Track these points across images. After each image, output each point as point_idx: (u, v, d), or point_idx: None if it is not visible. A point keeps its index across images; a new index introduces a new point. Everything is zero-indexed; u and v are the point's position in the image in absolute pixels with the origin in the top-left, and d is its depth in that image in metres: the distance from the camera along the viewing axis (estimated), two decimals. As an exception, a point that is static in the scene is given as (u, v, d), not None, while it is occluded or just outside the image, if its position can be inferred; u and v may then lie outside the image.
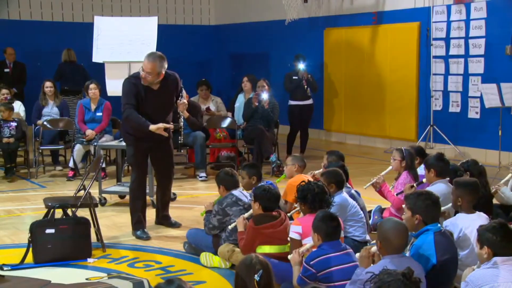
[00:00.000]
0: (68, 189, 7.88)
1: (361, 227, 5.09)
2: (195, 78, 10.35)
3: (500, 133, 8.65)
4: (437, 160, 5.43)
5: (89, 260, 5.26)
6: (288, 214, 5.27)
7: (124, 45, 8.12)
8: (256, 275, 3.04)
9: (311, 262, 3.92)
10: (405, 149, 5.91)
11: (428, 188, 5.34)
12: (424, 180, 5.61)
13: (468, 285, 3.47)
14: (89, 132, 8.65)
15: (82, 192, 5.62)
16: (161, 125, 5.65)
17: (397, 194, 5.70)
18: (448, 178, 5.31)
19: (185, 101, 6.17)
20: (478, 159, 5.87)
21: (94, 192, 6.63)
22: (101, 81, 8.71)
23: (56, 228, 5.19)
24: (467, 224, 4.39)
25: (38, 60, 12.18)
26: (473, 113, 9.84)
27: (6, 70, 11.52)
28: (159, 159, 6.12)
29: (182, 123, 6.61)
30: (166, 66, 5.73)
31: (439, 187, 5.16)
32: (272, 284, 3.11)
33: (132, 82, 5.75)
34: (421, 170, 5.94)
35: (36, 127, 9.20)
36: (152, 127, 5.63)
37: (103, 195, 7.27)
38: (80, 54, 11.63)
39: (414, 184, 5.62)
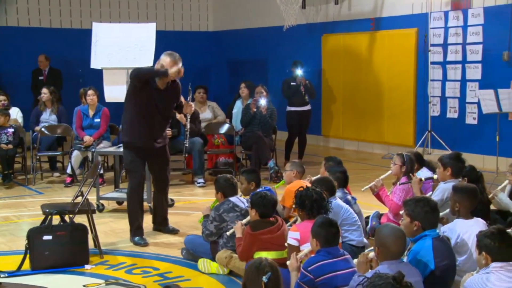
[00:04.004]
0: (65, 196, 7.87)
1: (356, 230, 5.08)
2: (193, 84, 10.32)
3: (497, 139, 8.65)
4: (455, 159, 5.46)
5: (87, 266, 5.24)
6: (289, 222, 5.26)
7: (122, 52, 8.12)
8: (264, 277, 3.04)
9: (309, 268, 3.91)
10: (406, 155, 5.92)
11: (441, 186, 5.37)
12: (435, 177, 5.63)
13: (467, 291, 3.47)
14: (87, 138, 8.65)
15: (79, 199, 5.61)
16: (177, 68, 5.68)
17: (400, 184, 5.70)
18: (460, 180, 5.32)
19: (192, 103, 6.23)
20: (475, 164, 5.88)
21: (92, 198, 6.62)
22: (99, 87, 8.71)
23: (53, 235, 5.18)
24: (465, 230, 4.38)
25: (35, 66, 12.17)
26: (471, 118, 9.85)
27: (41, 77, 11.61)
28: (156, 165, 6.13)
29: (188, 126, 6.63)
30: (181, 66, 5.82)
31: (450, 186, 5.15)
32: (280, 287, 3.12)
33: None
34: (418, 175, 5.94)
35: (34, 133, 9.19)
36: (171, 70, 5.64)
37: (101, 201, 7.26)
38: (78, 60, 11.64)
39: (423, 178, 5.63)
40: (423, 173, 6.02)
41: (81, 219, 5.68)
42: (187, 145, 6.69)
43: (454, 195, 4.65)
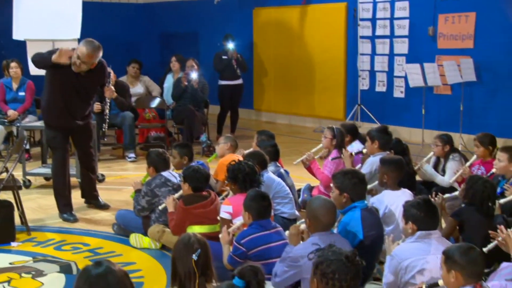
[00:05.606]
0: (-11, 172, 7.58)
1: (288, 203, 5.15)
2: (123, 58, 10.12)
3: (423, 112, 8.93)
4: (381, 132, 5.59)
5: (13, 244, 5.12)
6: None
7: (47, 23, 7.81)
8: (194, 255, 3.01)
9: (242, 241, 3.94)
10: (336, 128, 6.01)
11: (369, 159, 5.50)
12: (364, 150, 5.74)
13: (393, 259, 3.59)
14: (11, 113, 8.34)
15: (4, 175, 5.45)
16: (62, 51, 5.42)
17: (332, 159, 5.78)
18: (388, 152, 5.46)
19: (112, 87, 6.07)
20: (403, 137, 6.06)
21: (18, 174, 6.43)
22: (23, 60, 8.38)
23: (-24, 213, 5.01)
24: (392, 201, 4.52)
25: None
26: (398, 92, 10.11)
27: None
28: (79, 141, 6.03)
29: (107, 111, 6.48)
30: (100, 55, 5.60)
31: (378, 159, 5.27)
32: (210, 263, 3.10)
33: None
34: (351, 147, 6.06)
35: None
36: (54, 56, 5.41)
37: (28, 177, 7.06)
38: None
39: (353, 153, 5.74)
40: (357, 145, 6.15)
41: (6, 195, 5.49)
42: (105, 129, 6.55)
43: (381, 167, 4.79)
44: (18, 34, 7.95)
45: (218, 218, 4.58)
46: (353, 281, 2.75)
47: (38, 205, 6.36)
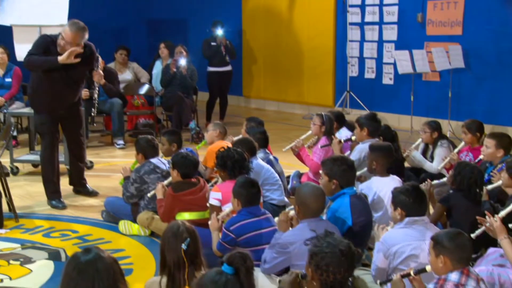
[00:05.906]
0: (-24, 159, 7.53)
1: (277, 189, 5.16)
2: (110, 44, 10.06)
3: (412, 99, 8.95)
4: (370, 119, 5.60)
5: (1, 231, 5.10)
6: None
7: (34, 8, 7.72)
8: (183, 244, 3.00)
9: (231, 228, 3.95)
10: (325, 115, 6.02)
11: (358, 146, 5.52)
12: (353, 138, 5.76)
13: (382, 245, 3.61)
14: (-2, 99, 8.27)
15: (-9, 162, 5.40)
16: (68, 52, 5.36)
17: (321, 147, 5.79)
18: (377, 139, 5.47)
19: (101, 71, 6.02)
20: (391, 124, 6.07)
21: (5, 161, 6.38)
22: (9, 45, 8.30)
23: (-36, 200, 4.99)
24: (381, 187, 4.54)
25: None
26: (387, 79, 10.12)
27: None
28: (68, 127, 5.97)
29: (96, 95, 6.44)
30: (87, 37, 5.55)
31: (367, 146, 5.28)
32: (199, 251, 3.09)
33: (49, 40, 5.53)
34: (338, 134, 6.07)
35: None
36: (61, 57, 5.36)
37: (15, 164, 7.02)
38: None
39: (342, 140, 5.76)
40: (344, 132, 6.16)
41: (-7, 183, 5.47)
42: (94, 114, 6.54)
43: (370, 153, 4.80)
44: (4, 19, 7.86)
45: (208, 205, 4.58)
46: (347, 272, 2.79)
47: (26, 192, 6.32)
